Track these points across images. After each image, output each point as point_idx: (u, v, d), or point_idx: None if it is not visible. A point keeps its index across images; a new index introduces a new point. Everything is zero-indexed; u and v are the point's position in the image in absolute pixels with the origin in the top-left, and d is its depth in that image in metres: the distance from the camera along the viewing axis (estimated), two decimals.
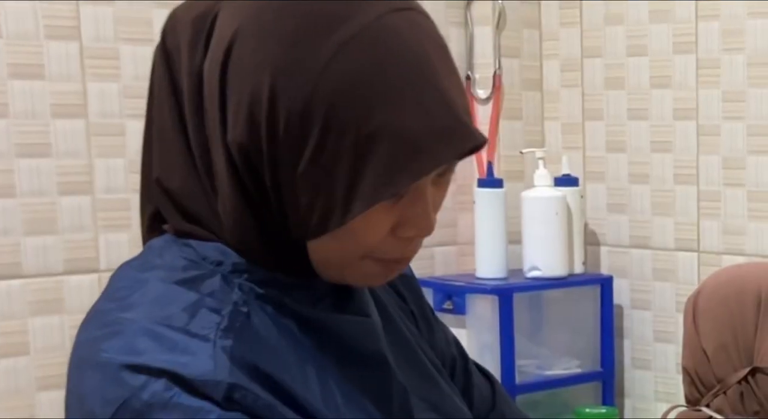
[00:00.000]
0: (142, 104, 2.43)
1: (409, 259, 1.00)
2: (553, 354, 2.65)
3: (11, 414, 2.16)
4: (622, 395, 2.76)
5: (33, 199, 2.18)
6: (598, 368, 2.68)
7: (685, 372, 1.92)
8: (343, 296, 1.03)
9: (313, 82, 0.91)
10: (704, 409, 1.88)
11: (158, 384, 0.89)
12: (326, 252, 0.97)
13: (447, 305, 2.55)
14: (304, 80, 0.91)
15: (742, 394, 1.84)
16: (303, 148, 0.91)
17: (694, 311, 1.90)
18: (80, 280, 2.22)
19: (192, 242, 0.98)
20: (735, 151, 2.49)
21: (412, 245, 0.98)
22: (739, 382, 1.84)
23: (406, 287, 1.17)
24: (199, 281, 0.96)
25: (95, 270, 2.24)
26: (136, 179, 2.25)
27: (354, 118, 0.90)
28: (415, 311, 1.17)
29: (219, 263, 0.97)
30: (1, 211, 2.15)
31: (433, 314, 1.20)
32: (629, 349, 2.74)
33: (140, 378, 0.89)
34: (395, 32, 0.92)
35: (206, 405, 0.89)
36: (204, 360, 0.90)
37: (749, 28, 2.44)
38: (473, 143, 0.94)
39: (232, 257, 0.97)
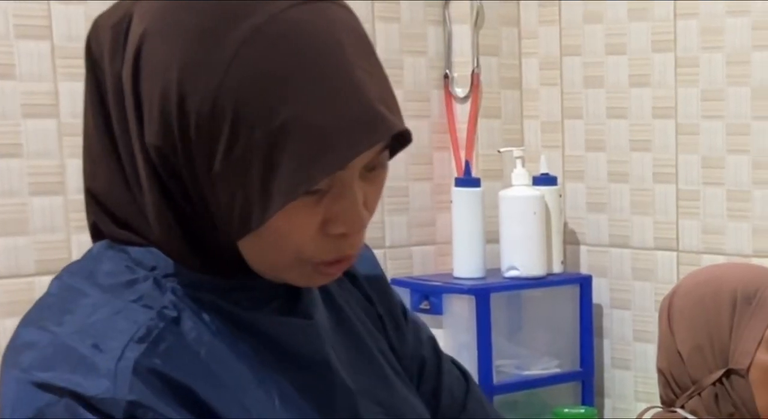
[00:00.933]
0: None
1: (349, 258, 0.99)
2: (532, 353, 2.64)
3: None
4: (601, 395, 2.75)
5: (4, 199, 2.17)
6: (577, 368, 2.67)
7: (660, 373, 1.91)
8: (291, 297, 1.02)
9: (218, 80, 0.90)
10: (679, 410, 1.87)
11: (61, 405, 0.90)
12: (257, 253, 0.96)
13: (424, 305, 2.53)
14: (209, 78, 0.90)
15: (716, 396, 1.83)
16: (215, 147, 0.90)
17: (669, 312, 1.89)
18: None
19: (128, 247, 0.99)
20: (714, 150, 2.49)
21: (345, 243, 0.97)
22: (714, 384, 1.83)
23: (375, 288, 1.16)
24: (130, 285, 0.97)
25: None
26: None
27: (262, 113, 0.89)
28: (383, 314, 1.15)
29: (153, 268, 0.98)
30: None
31: (406, 314, 1.19)
32: (609, 349, 2.73)
33: (45, 397, 0.91)
34: (301, 24, 0.91)
35: None
36: (103, 379, 0.91)
37: (728, 27, 2.44)
38: (387, 133, 0.93)
39: (167, 262, 0.98)
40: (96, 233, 1.03)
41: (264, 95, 0.89)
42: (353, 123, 0.90)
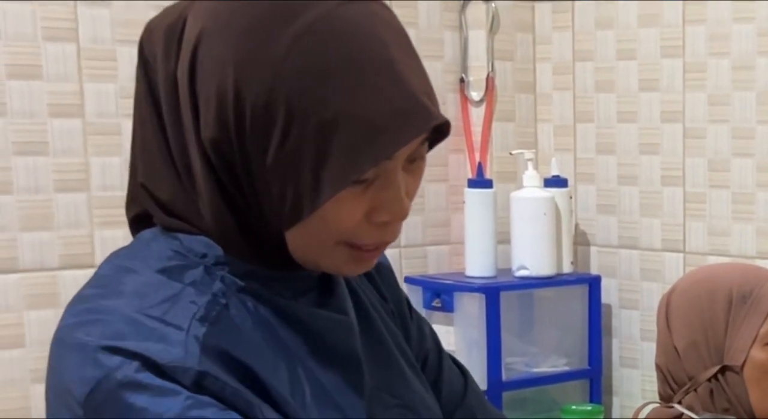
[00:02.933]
0: None
1: (384, 246, 1.03)
2: (542, 351, 2.69)
3: (6, 405, 2.21)
4: (609, 393, 2.79)
5: (30, 196, 2.22)
6: (585, 366, 2.71)
7: (658, 369, 1.93)
8: (325, 291, 1.06)
9: (272, 74, 0.94)
10: (676, 406, 1.88)
11: (132, 366, 0.93)
12: (302, 241, 0.99)
13: (436, 302, 2.59)
14: (264, 72, 0.94)
15: (711, 392, 1.85)
16: (269, 138, 0.94)
17: (667, 309, 1.91)
18: (75, 275, 2.26)
19: (179, 235, 1.02)
20: (720, 153, 2.53)
21: (387, 231, 1.01)
22: (709, 380, 1.85)
23: (386, 283, 1.20)
24: (182, 271, 1.00)
25: (90, 265, 2.27)
26: None
27: (314, 106, 0.93)
28: (393, 309, 1.19)
29: (203, 256, 1.01)
30: None
31: (410, 307, 1.22)
32: (617, 348, 2.76)
33: (115, 359, 0.93)
34: (350, 21, 0.95)
35: (176, 387, 0.93)
36: (176, 347, 0.94)
37: (735, 33, 2.48)
38: (431, 123, 0.96)
39: (216, 251, 1.01)
40: (137, 225, 1.06)
41: (316, 88, 0.93)
42: (399, 114, 0.94)
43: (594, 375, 2.70)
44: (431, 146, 1.03)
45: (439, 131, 1.01)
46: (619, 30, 2.69)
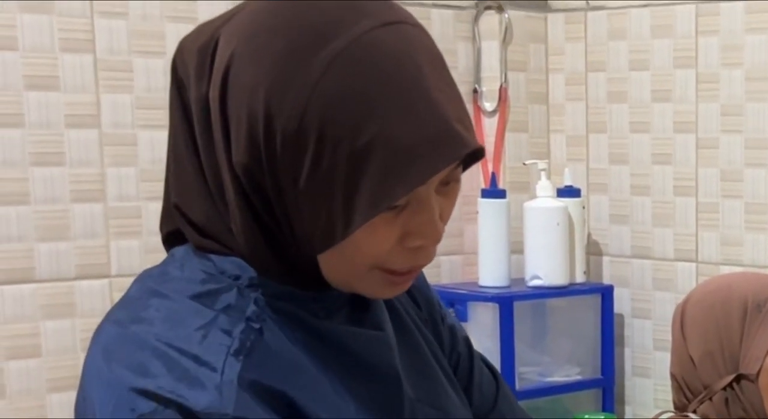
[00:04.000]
0: (154, 115, 2.50)
1: (419, 270, 1.01)
2: (555, 361, 2.70)
3: (23, 414, 2.21)
4: (622, 402, 2.79)
5: (46, 206, 2.23)
6: (598, 375, 2.71)
7: (673, 378, 1.92)
8: (359, 308, 1.04)
9: (305, 99, 0.92)
10: (691, 415, 1.88)
11: (167, 414, 0.91)
12: (335, 265, 0.98)
13: (450, 311, 2.59)
14: (296, 98, 0.92)
15: (727, 400, 1.84)
16: (301, 164, 0.93)
17: (681, 319, 1.91)
18: (91, 285, 2.27)
19: (212, 256, 1.01)
20: (733, 163, 2.53)
21: (421, 255, 0.99)
22: (725, 388, 1.84)
23: (418, 290, 1.18)
24: (215, 295, 0.99)
25: (106, 276, 2.29)
26: (147, 188, 2.34)
27: (346, 132, 0.92)
28: (427, 316, 1.17)
29: (236, 277, 1.00)
30: (16, 217, 2.20)
31: (441, 311, 1.21)
32: (629, 357, 2.77)
33: (150, 405, 0.92)
34: (384, 46, 0.94)
35: None
36: (210, 393, 0.92)
37: (747, 44, 2.49)
38: (465, 150, 0.95)
39: (249, 272, 1.00)
40: (171, 243, 1.05)
41: (349, 114, 0.92)
42: (433, 141, 0.93)
43: (607, 385, 2.71)
44: (465, 168, 1.02)
45: (473, 154, 1.00)
46: (632, 41, 2.70)
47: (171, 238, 1.06)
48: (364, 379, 1.02)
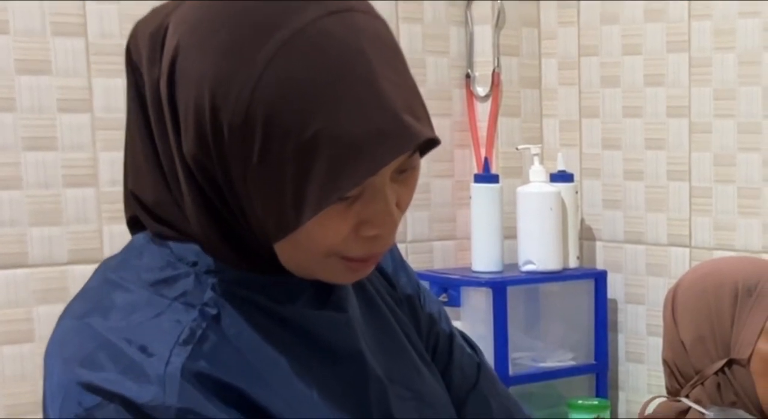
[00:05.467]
0: None
1: (377, 257, 1.01)
2: (548, 346, 2.70)
3: (17, 400, 2.22)
4: (615, 387, 2.79)
5: (39, 191, 2.23)
6: (591, 361, 2.71)
7: (665, 363, 1.93)
8: (322, 290, 1.04)
9: (249, 93, 0.91)
10: (683, 400, 1.88)
11: (110, 408, 0.92)
12: (291, 253, 0.98)
13: (443, 297, 2.60)
14: (240, 91, 0.91)
15: (719, 385, 1.85)
16: (249, 157, 0.92)
17: (672, 304, 1.91)
18: (84, 270, 2.23)
19: (170, 243, 1.00)
20: (726, 148, 2.53)
21: (378, 243, 0.98)
22: (716, 373, 1.85)
23: (395, 271, 1.18)
24: (172, 283, 0.99)
25: (99, 260, 2.17)
26: None
27: (292, 125, 0.90)
28: (401, 295, 1.17)
29: (194, 264, 1.00)
30: (8, 202, 2.20)
31: (419, 290, 1.20)
32: (623, 343, 2.77)
33: (95, 399, 0.92)
34: (329, 36, 0.92)
35: None
36: (154, 384, 0.92)
37: (740, 28, 2.48)
38: (412, 142, 0.93)
39: (207, 258, 1.00)
40: (134, 226, 1.05)
41: (293, 108, 0.90)
42: (380, 134, 0.91)
43: (600, 370, 2.71)
44: (422, 154, 1.00)
45: (431, 141, 0.97)
46: (625, 25, 2.69)
47: (133, 222, 1.05)
48: (328, 362, 1.02)
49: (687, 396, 1.90)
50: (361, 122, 0.91)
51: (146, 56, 0.98)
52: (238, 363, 0.97)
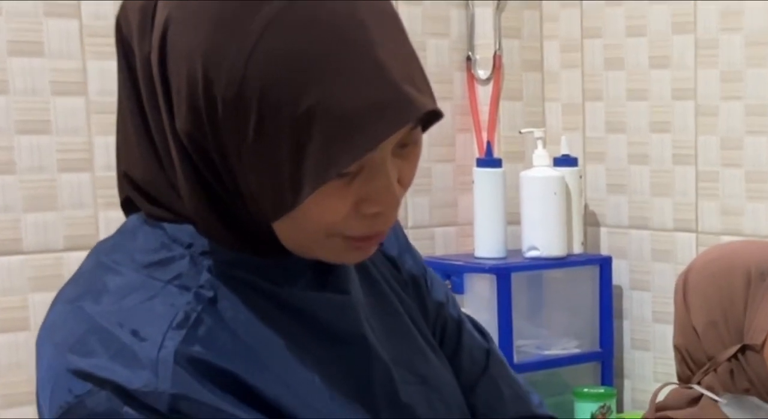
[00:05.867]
0: None
1: (381, 235, 0.98)
2: (553, 334, 2.67)
3: (13, 389, 2.19)
4: (621, 375, 2.77)
5: (33, 176, 2.20)
6: (597, 348, 2.69)
7: (677, 349, 1.91)
8: (323, 271, 1.01)
9: (242, 65, 0.88)
10: (695, 387, 1.86)
11: (102, 395, 0.90)
12: (290, 233, 0.95)
13: (446, 284, 2.56)
14: (233, 64, 0.88)
15: (732, 371, 1.83)
16: (244, 133, 0.89)
17: (684, 288, 1.89)
18: (80, 256, 2.10)
19: (164, 224, 0.98)
20: (733, 131, 2.50)
21: (379, 221, 0.95)
22: (729, 359, 1.82)
23: (399, 253, 1.15)
24: (166, 265, 0.96)
25: None
26: None
27: (287, 98, 0.88)
28: (407, 279, 1.14)
29: (189, 245, 0.97)
30: (2, 187, 2.17)
31: (425, 273, 1.17)
32: (628, 330, 2.74)
33: (86, 386, 0.90)
34: (323, 5, 0.89)
35: (151, 416, 0.90)
36: (146, 369, 0.90)
37: (747, 8, 2.45)
38: (414, 114, 0.90)
39: (202, 239, 0.97)
40: (128, 209, 1.02)
41: (288, 80, 0.87)
42: (378, 106, 0.88)
43: (605, 358, 2.69)
44: (425, 128, 0.97)
45: (433, 113, 0.94)
46: (629, 5, 2.66)
47: (126, 204, 1.03)
48: (329, 345, 1.00)
49: (699, 383, 1.87)
50: (359, 94, 0.88)
51: (136, 31, 0.95)
52: (234, 346, 0.94)
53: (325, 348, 0.99)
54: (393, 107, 0.89)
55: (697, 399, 1.86)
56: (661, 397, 1.95)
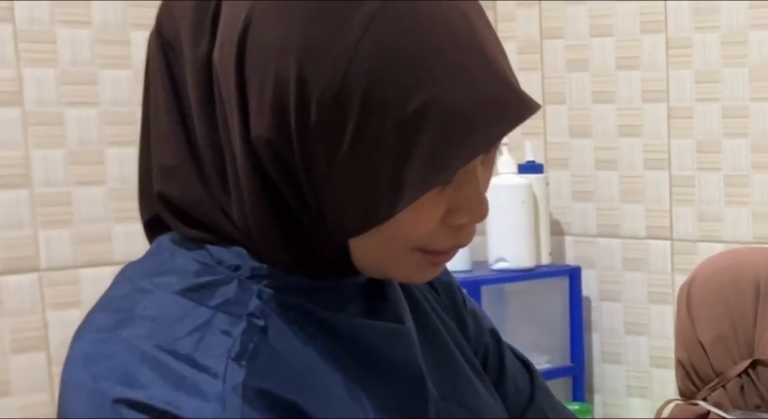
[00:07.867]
0: (81, 91, 2.31)
1: (459, 248, 0.92)
2: (521, 349, 2.54)
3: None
4: (591, 390, 2.70)
5: None
6: (567, 363, 2.62)
7: (680, 364, 1.85)
8: (374, 297, 0.96)
9: (345, 61, 0.82)
10: (701, 403, 1.81)
11: None
12: (371, 249, 0.89)
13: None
14: (335, 60, 0.82)
15: (742, 387, 1.77)
16: (340, 136, 0.83)
17: (688, 300, 1.84)
18: (20, 280, 2.12)
19: (207, 245, 0.91)
20: (709, 134, 2.45)
21: (464, 232, 0.90)
22: (740, 375, 1.77)
23: (437, 276, 1.07)
24: (212, 289, 0.89)
25: (35, 269, 2.14)
26: (76, 171, 2.15)
27: (395, 96, 0.82)
28: (447, 302, 1.08)
29: (236, 268, 0.90)
30: None
31: (462, 295, 1.12)
32: (598, 342, 2.68)
33: (139, 417, 0.82)
34: None
35: None
36: (212, 403, 0.83)
37: (723, 5, 2.39)
38: (528, 111, 0.86)
39: (251, 261, 0.90)
40: (152, 229, 0.95)
41: (398, 77, 0.82)
42: (493, 102, 0.83)
43: (577, 372, 2.63)
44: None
45: None
46: (593, 5, 2.59)
47: (153, 224, 0.95)
48: (384, 378, 0.94)
49: (705, 399, 1.80)
50: (473, 90, 0.82)
51: (189, 31, 0.88)
52: (291, 377, 0.88)
53: (380, 381, 0.93)
54: (507, 103, 0.84)
55: (704, 415, 1.80)
56: (665, 413, 1.89)
